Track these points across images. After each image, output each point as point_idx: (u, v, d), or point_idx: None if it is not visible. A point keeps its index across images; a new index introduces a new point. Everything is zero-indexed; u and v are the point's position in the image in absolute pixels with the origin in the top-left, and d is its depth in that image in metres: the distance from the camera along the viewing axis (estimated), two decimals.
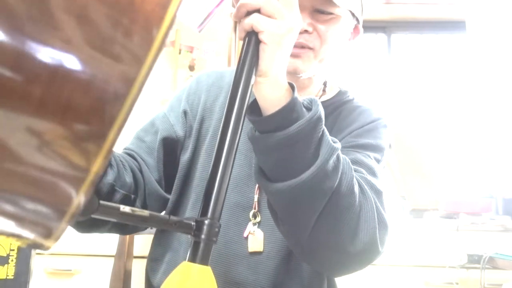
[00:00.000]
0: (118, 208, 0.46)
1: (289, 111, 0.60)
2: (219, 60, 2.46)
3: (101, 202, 0.45)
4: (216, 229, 0.48)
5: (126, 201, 0.83)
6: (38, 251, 0.88)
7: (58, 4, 0.29)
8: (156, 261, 0.94)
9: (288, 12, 0.58)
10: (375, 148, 0.84)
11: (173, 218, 0.48)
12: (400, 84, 2.77)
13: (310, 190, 0.61)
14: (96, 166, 0.32)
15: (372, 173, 0.76)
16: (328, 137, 0.63)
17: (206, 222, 0.48)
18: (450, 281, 1.69)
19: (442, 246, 1.72)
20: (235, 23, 2.74)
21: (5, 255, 0.82)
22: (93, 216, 0.44)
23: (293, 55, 0.82)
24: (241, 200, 0.84)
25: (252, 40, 0.56)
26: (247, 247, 0.85)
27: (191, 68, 2.42)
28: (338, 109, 0.92)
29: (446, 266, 1.60)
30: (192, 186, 0.92)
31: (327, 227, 0.65)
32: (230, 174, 0.53)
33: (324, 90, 0.94)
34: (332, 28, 0.85)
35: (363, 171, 0.74)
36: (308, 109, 0.62)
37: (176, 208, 0.92)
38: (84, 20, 0.29)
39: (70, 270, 1.82)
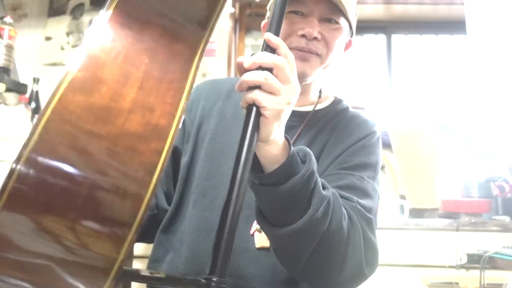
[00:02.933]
0: (139, 272, 0.55)
1: (287, 167, 0.68)
2: (219, 60, 2.46)
3: (124, 268, 0.51)
4: (223, 285, 0.55)
5: (151, 218, 0.96)
6: None
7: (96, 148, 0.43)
8: (158, 262, 0.95)
9: (286, 87, 0.63)
10: (369, 166, 0.90)
11: (186, 277, 0.57)
12: (400, 85, 2.77)
13: (303, 234, 0.70)
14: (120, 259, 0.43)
15: (366, 195, 0.85)
16: (320, 186, 0.71)
17: (214, 279, 0.54)
18: (450, 281, 1.69)
19: (442, 246, 1.72)
20: (235, 23, 2.74)
21: None
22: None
23: (302, 59, 0.88)
24: (247, 199, 0.87)
25: (253, 111, 0.62)
26: (254, 243, 0.87)
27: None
28: (334, 118, 0.96)
29: (446, 266, 1.61)
30: (192, 187, 0.94)
31: (318, 261, 0.75)
32: (235, 230, 0.58)
33: (319, 97, 0.98)
34: (337, 37, 0.91)
35: (355, 198, 0.81)
36: (303, 161, 0.70)
37: (179, 208, 0.95)
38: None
39: None
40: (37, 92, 2.48)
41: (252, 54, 0.63)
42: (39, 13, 2.73)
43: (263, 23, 0.99)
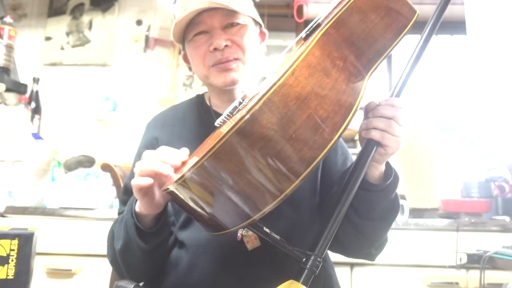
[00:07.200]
0: (263, 228, 0.71)
1: (395, 174, 0.87)
2: None
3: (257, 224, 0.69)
4: (318, 263, 0.66)
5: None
6: (38, 251, 0.88)
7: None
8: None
9: (404, 129, 0.77)
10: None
11: (294, 248, 0.69)
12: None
13: (392, 219, 0.92)
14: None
15: None
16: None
17: (312, 257, 0.66)
18: (450, 281, 1.69)
19: (442, 246, 1.72)
20: None
21: (5, 255, 0.82)
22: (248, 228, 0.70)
23: (226, 70, 0.96)
24: None
25: (370, 143, 0.77)
26: (246, 247, 0.90)
27: (191, 68, 2.42)
28: None
29: (446, 266, 1.60)
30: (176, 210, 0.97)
31: (385, 238, 0.97)
32: (339, 222, 0.71)
33: None
34: (245, 35, 0.98)
35: None
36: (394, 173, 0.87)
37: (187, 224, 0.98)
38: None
39: (70, 270, 1.82)
40: (37, 92, 2.48)
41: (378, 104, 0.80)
42: (39, 13, 2.73)
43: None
